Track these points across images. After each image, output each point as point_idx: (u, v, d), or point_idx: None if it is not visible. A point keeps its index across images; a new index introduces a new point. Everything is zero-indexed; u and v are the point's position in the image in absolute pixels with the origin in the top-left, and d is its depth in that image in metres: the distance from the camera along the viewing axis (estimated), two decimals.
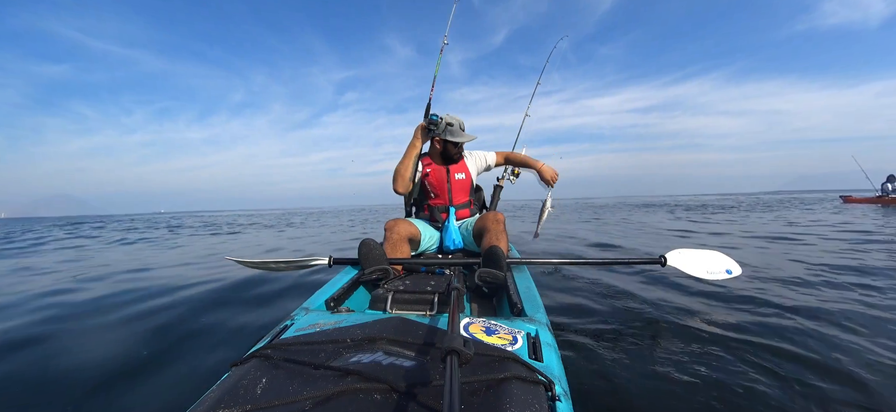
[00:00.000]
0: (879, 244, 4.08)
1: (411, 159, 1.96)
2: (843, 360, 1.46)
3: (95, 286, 2.93)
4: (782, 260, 3.42)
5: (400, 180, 1.95)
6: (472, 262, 1.70)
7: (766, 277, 2.74)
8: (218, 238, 8.03)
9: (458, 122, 2.01)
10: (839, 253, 3.65)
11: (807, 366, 1.42)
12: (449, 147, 2.02)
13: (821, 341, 1.63)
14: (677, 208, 15.95)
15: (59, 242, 8.06)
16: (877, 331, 1.74)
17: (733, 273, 2.03)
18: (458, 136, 2.00)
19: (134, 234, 9.70)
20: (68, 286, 2.96)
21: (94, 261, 4.64)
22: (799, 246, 4.17)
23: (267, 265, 1.99)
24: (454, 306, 0.95)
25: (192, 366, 1.53)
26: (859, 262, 3.16)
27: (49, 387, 1.38)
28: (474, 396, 0.64)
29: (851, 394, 1.25)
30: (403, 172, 1.95)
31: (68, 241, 8.23)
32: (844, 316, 1.92)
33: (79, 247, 6.76)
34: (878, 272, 2.83)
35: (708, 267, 1.97)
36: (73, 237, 9.59)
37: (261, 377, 0.69)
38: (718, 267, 1.98)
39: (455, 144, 2.02)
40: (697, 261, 1.96)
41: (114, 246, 6.94)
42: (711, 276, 1.95)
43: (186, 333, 1.85)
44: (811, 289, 2.42)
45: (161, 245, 6.80)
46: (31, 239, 9.31)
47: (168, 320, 2.04)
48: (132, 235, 9.45)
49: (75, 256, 5.33)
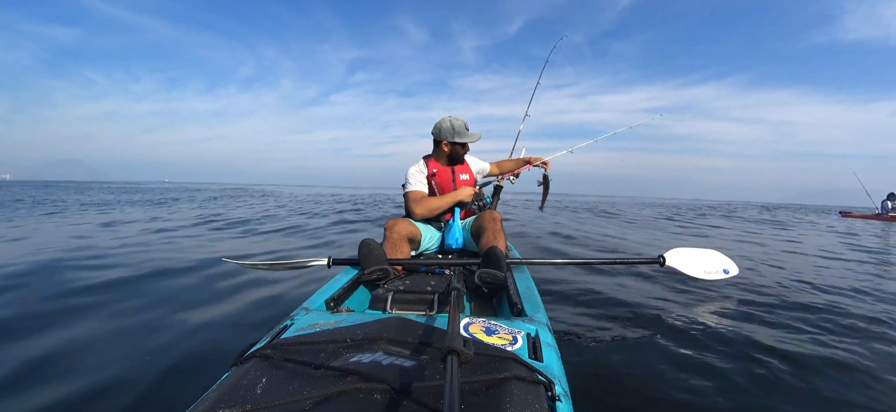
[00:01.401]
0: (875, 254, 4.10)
1: (447, 206, 2.04)
2: (842, 359, 1.46)
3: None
4: (779, 261, 3.43)
5: (427, 213, 2.01)
6: (471, 263, 1.70)
7: (764, 277, 2.75)
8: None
9: (463, 123, 2.06)
10: (836, 256, 3.67)
11: (805, 364, 1.43)
12: (458, 149, 2.09)
13: (820, 340, 1.64)
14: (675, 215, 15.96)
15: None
16: (875, 329, 1.75)
17: (730, 273, 2.05)
18: (465, 137, 2.06)
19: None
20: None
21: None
22: (796, 248, 4.19)
23: (265, 266, 1.98)
24: (454, 306, 0.95)
25: (192, 366, 1.53)
26: (856, 266, 3.18)
27: (48, 388, 1.38)
28: (474, 396, 0.64)
29: (852, 393, 1.26)
30: (435, 212, 2.03)
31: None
32: (844, 315, 1.93)
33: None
34: (872, 278, 2.85)
35: (706, 266, 1.98)
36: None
37: (261, 377, 0.69)
38: (716, 266, 1.99)
39: (463, 145, 2.09)
40: (695, 261, 1.97)
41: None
42: (709, 276, 1.96)
43: (186, 333, 1.85)
44: (809, 290, 2.43)
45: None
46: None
47: (167, 320, 2.03)
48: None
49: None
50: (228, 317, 2.08)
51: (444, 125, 2.04)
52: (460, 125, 2.04)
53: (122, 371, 1.49)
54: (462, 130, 2.05)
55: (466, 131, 2.08)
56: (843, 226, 9.71)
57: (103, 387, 1.37)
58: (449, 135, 2.04)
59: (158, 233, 5.28)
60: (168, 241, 4.61)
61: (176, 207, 10.28)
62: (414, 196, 2.04)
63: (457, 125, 2.04)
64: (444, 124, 2.04)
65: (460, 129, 2.04)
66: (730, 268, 2.04)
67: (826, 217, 15.07)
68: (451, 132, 2.03)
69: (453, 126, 2.03)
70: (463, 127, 2.05)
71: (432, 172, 2.12)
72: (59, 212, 8.35)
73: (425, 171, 2.11)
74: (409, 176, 2.10)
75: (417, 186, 2.07)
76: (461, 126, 2.04)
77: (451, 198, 2.03)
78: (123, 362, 1.56)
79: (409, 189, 2.06)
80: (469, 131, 2.10)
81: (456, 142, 2.05)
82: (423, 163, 2.14)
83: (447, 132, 2.04)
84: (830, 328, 1.78)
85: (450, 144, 2.07)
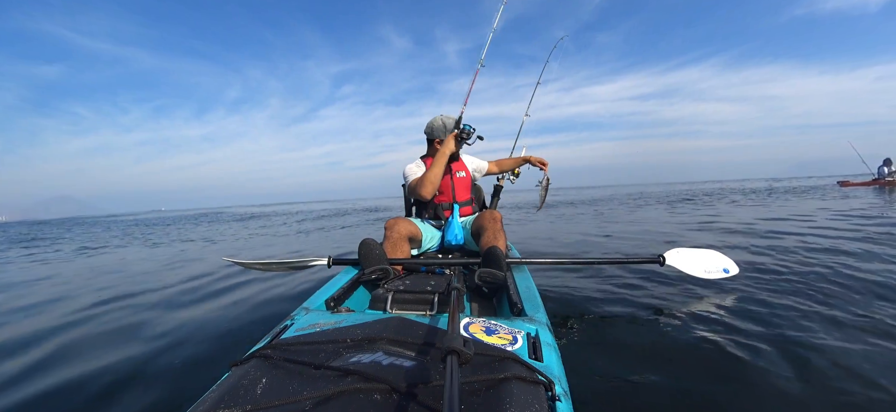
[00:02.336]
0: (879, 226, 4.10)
1: (442, 167, 1.99)
2: (842, 359, 1.46)
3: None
4: (779, 255, 3.43)
5: (429, 187, 1.97)
6: (471, 262, 1.70)
7: (764, 276, 2.75)
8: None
9: (454, 120, 2.08)
10: (838, 242, 3.66)
11: (805, 364, 1.43)
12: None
13: (819, 339, 1.64)
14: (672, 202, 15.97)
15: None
16: (877, 327, 1.75)
17: (730, 272, 2.04)
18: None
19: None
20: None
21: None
22: (795, 237, 4.19)
23: (265, 266, 1.98)
24: (454, 306, 0.95)
25: (192, 366, 1.53)
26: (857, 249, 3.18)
27: (49, 394, 1.38)
28: (474, 396, 0.64)
29: (852, 392, 1.26)
30: (433, 180, 1.98)
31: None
32: (843, 314, 1.93)
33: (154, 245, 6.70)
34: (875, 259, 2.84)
35: (706, 266, 1.98)
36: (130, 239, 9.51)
37: (261, 377, 0.69)
38: (716, 266, 1.99)
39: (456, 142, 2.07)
40: (695, 261, 1.97)
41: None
42: (709, 275, 1.96)
43: (186, 333, 1.85)
44: (810, 285, 2.43)
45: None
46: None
47: (167, 320, 2.03)
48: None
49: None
50: (228, 317, 2.08)
51: (436, 123, 2.08)
52: (451, 123, 2.07)
53: (122, 371, 1.49)
54: (451, 127, 2.06)
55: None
56: (841, 197, 9.75)
57: (103, 387, 1.37)
58: (440, 133, 2.07)
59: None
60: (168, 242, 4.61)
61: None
62: (415, 183, 2.02)
63: (448, 123, 2.07)
64: (436, 123, 2.08)
65: (450, 127, 2.06)
66: (730, 268, 2.04)
67: (826, 190, 14.84)
68: (443, 130, 2.07)
69: (444, 124, 2.07)
70: (454, 124, 2.07)
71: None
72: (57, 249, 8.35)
73: (422, 167, 2.12)
74: (407, 171, 2.11)
75: (417, 174, 2.06)
76: (452, 124, 2.07)
77: (440, 157, 1.98)
78: (123, 362, 1.56)
79: (411, 179, 2.06)
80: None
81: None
82: (421, 161, 2.16)
83: (439, 130, 2.08)
84: (834, 326, 1.77)
85: (440, 143, 2.09)
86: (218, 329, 1.91)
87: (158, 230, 11.46)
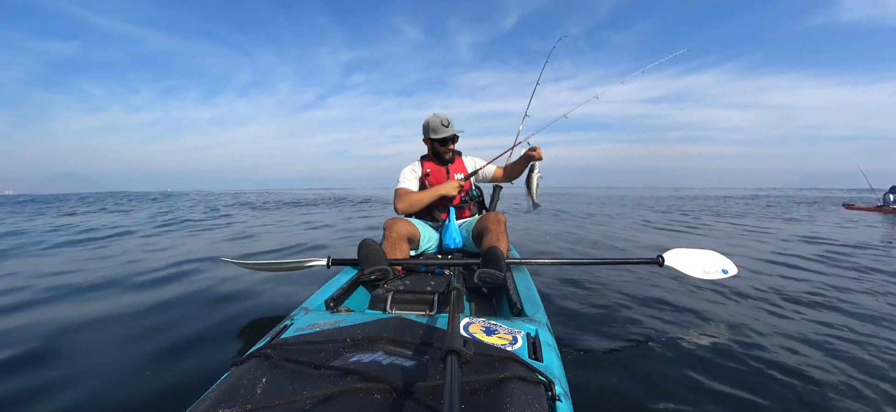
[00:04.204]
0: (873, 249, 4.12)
1: (430, 200, 2.01)
2: (842, 357, 1.47)
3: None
4: (778, 258, 3.44)
5: (408, 208, 2.00)
6: (471, 263, 1.70)
7: (762, 276, 2.75)
8: None
9: (441, 119, 2.02)
10: (833, 250, 3.68)
11: (805, 363, 1.43)
12: (436, 145, 2.06)
13: (818, 338, 1.64)
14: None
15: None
16: (876, 328, 1.75)
17: (729, 272, 2.05)
18: (440, 133, 2.02)
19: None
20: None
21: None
22: (792, 243, 4.20)
23: (265, 266, 1.98)
24: (454, 306, 0.95)
25: (192, 365, 1.53)
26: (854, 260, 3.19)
27: (47, 386, 1.37)
28: (474, 396, 0.64)
29: (852, 392, 1.26)
30: (416, 205, 2.00)
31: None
32: (842, 314, 1.94)
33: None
34: (872, 273, 2.85)
35: (704, 267, 1.98)
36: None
37: (261, 377, 0.69)
38: (715, 266, 1.98)
39: (442, 142, 2.04)
40: (694, 261, 1.97)
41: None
42: (708, 276, 1.96)
43: (185, 333, 1.85)
44: (808, 288, 2.43)
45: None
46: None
47: (167, 320, 2.03)
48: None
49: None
50: (228, 317, 2.07)
51: (428, 123, 2.06)
52: (436, 122, 2.01)
53: (122, 372, 1.48)
54: (437, 126, 2.02)
55: (442, 126, 2.02)
56: (846, 221, 9.74)
57: (103, 387, 1.37)
58: (425, 131, 2.06)
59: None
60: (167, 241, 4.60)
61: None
62: (398, 192, 2.04)
63: (433, 122, 2.02)
64: (428, 122, 2.06)
65: (436, 126, 2.01)
66: (729, 268, 2.04)
67: (831, 206, 14.79)
68: (427, 129, 2.05)
69: (429, 123, 2.03)
70: (439, 123, 2.01)
71: (426, 172, 2.11)
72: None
73: (418, 172, 2.11)
74: (400, 174, 2.11)
75: (405, 184, 2.07)
76: (437, 123, 2.01)
77: (432, 192, 1.99)
78: (123, 363, 1.55)
79: (397, 186, 2.07)
80: (447, 126, 2.03)
81: (433, 138, 2.04)
82: (419, 163, 2.14)
83: (425, 129, 2.07)
84: (834, 324, 1.78)
85: (429, 141, 2.09)
86: (218, 329, 1.91)
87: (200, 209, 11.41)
